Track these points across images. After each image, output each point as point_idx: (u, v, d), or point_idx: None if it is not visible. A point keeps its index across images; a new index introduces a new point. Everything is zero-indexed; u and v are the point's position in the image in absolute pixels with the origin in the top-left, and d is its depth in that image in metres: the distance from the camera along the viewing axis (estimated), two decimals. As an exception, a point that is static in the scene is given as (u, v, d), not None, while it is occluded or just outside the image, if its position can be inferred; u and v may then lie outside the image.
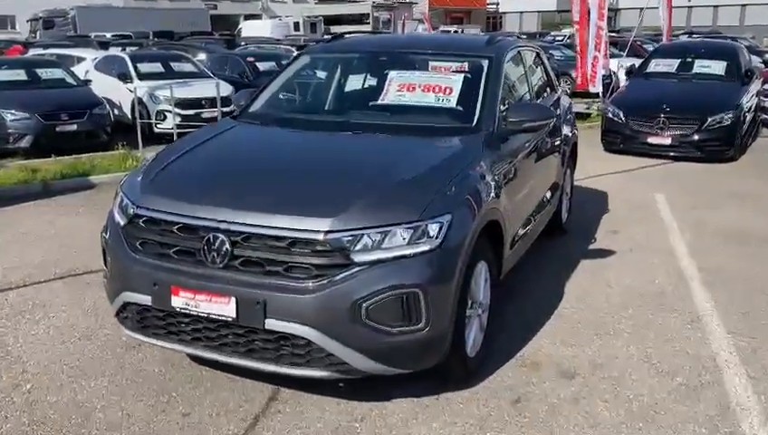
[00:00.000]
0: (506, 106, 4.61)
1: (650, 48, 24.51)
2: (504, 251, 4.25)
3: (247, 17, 53.77)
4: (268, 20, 50.45)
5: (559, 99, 6.39)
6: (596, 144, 11.41)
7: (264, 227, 3.31)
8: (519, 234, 4.71)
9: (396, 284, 3.24)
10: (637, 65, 13.73)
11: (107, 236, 3.82)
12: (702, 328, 4.71)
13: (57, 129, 11.53)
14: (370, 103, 4.74)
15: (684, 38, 24.94)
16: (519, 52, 5.46)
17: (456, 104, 4.53)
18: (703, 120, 10.74)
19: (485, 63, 4.76)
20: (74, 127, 11.74)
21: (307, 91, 5.45)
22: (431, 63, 4.86)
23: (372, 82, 5.12)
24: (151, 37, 31.14)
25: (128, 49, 21.29)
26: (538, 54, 6.19)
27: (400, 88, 4.65)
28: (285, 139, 4.42)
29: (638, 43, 22.59)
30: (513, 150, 4.54)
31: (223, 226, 3.36)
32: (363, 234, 3.26)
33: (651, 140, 10.98)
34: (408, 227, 3.32)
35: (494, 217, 3.94)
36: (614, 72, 17.89)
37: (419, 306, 3.29)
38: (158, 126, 12.69)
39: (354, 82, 5.32)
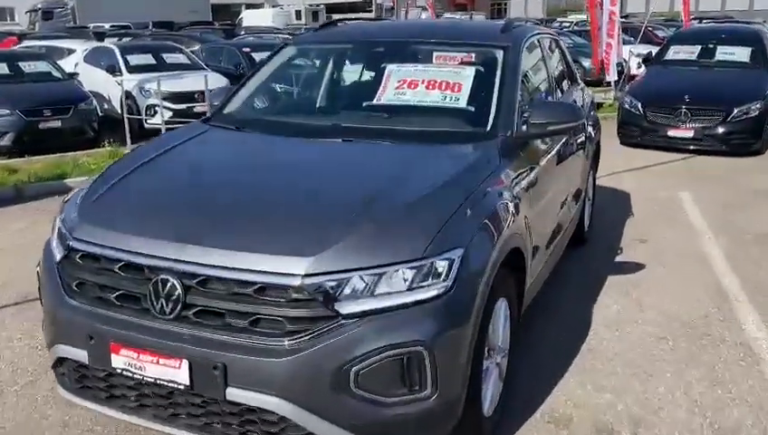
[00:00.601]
0: (526, 105, 3.88)
1: (661, 34, 23.87)
2: (526, 281, 3.54)
3: (249, 6, 53.02)
4: (269, 9, 49.67)
5: (582, 92, 5.66)
6: (611, 136, 10.60)
7: (224, 268, 2.59)
8: (542, 257, 3.99)
9: (394, 342, 2.52)
10: (654, 52, 12.98)
11: (41, 272, 3.13)
12: (758, 364, 4.00)
13: (40, 126, 10.93)
14: (365, 103, 3.99)
15: (694, 23, 24.05)
16: (538, 40, 4.71)
17: (467, 104, 3.79)
18: (728, 112, 9.98)
19: (501, 54, 4.02)
20: (58, 123, 11.15)
21: (291, 89, 4.72)
22: (436, 55, 4.13)
23: (367, 77, 4.40)
24: (150, 27, 30.65)
25: (124, 39, 20.66)
26: (557, 42, 5.44)
27: (400, 84, 3.91)
28: (261, 148, 3.69)
29: (650, 29, 21.77)
30: (535, 159, 3.81)
31: (174, 265, 2.65)
32: (352, 277, 2.54)
33: (672, 132, 10.25)
34: (410, 267, 2.59)
35: (516, 243, 3.21)
36: (625, 60, 17.15)
37: (424, 369, 2.57)
38: (149, 121, 12.06)
39: (346, 78, 4.59)
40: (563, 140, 4.42)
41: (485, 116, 3.69)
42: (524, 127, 3.69)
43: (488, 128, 3.64)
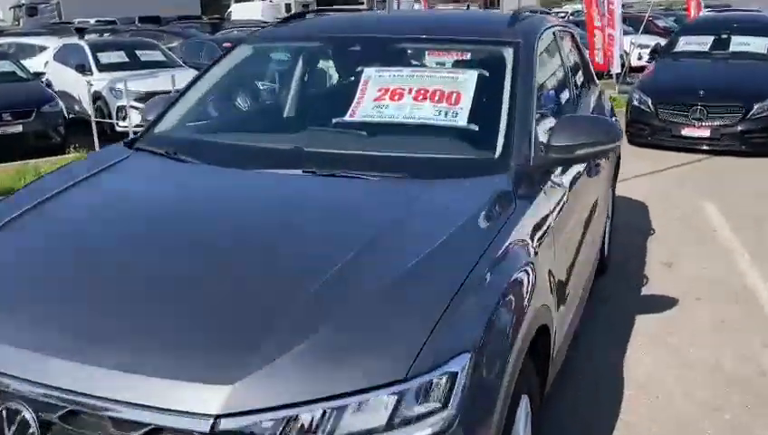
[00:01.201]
0: (545, 120, 2.98)
1: (661, 24, 23.04)
2: (551, 355, 2.64)
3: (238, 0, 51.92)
4: (258, 2, 48.53)
5: (601, 96, 4.76)
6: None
7: (96, 398, 1.69)
8: (568, 310, 3.06)
9: None
10: (661, 43, 12.12)
11: None
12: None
13: (-1, 130, 10.03)
14: (335, 120, 3.05)
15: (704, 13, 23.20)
16: (553, 33, 3.78)
17: (469, 121, 2.85)
18: (748, 108, 9.13)
19: (510, 54, 3.10)
20: (19, 128, 10.31)
21: (243, 101, 3.78)
22: (428, 55, 3.23)
23: (340, 84, 3.50)
24: (137, 23, 29.95)
25: (105, 35, 19.74)
26: (572, 36, 4.51)
27: (380, 95, 2.98)
28: (190, 191, 2.73)
29: (650, 18, 21.00)
30: (557, 192, 2.89)
31: (27, 389, 1.75)
32: (296, 416, 1.64)
33: (686, 131, 9.39)
34: (390, 394, 1.69)
35: (542, 320, 2.32)
36: (626, 52, 16.35)
37: None
38: (120, 124, 11.16)
39: (313, 86, 3.67)
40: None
41: (493, 137, 2.78)
42: (544, 150, 2.78)
43: (497, 154, 2.73)
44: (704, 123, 9.27)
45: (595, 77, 5.00)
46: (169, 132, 3.22)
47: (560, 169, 2.98)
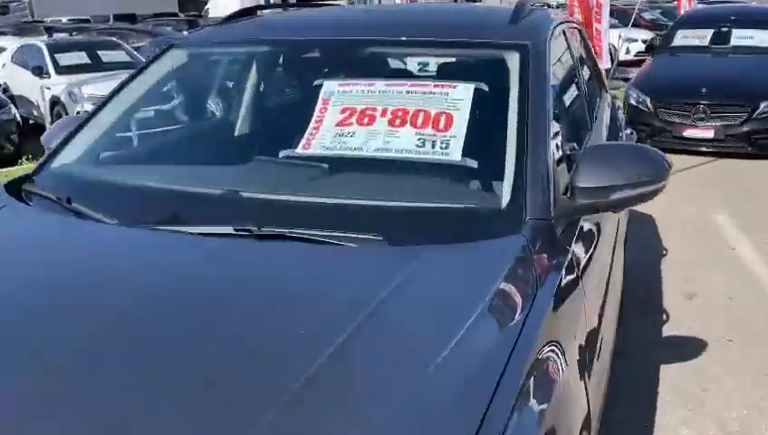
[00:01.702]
0: (564, 151, 2.23)
1: (648, 17, 22.46)
2: None
3: (216, -6, 50.93)
4: (237, -3, 47.68)
5: (615, 105, 4.01)
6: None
7: None
8: (599, 392, 2.29)
9: None
10: (655, 37, 11.49)
11: None
12: None
13: (-56, 140, 9.35)
14: (282, 153, 2.25)
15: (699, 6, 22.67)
16: (563, 32, 3.02)
17: (464, 154, 2.07)
18: (754, 107, 8.49)
19: (516, 60, 2.32)
20: (-33, 138, 9.54)
21: (170, 123, 2.99)
22: (408, 63, 2.47)
23: (292, 102, 2.72)
24: (111, 21, 29.19)
25: (73, 35, 18.87)
26: (581, 33, 3.75)
27: (345, 118, 2.20)
28: (75, 268, 1.86)
29: (637, 12, 20.46)
30: (588, 245, 2.14)
31: None
32: None
33: (688, 132, 8.74)
34: None
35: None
36: (614, 47, 15.77)
37: None
38: (79, 130, 10.39)
39: (259, 105, 2.88)
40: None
41: (497, 178, 2.01)
42: (569, 195, 2.01)
43: (504, 202, 1.96)
44: (707, 123, 8.65)
45: (604, 79, 4.26)
46: (69, 168, 2.41)
47: (592, 223, 2.21)
